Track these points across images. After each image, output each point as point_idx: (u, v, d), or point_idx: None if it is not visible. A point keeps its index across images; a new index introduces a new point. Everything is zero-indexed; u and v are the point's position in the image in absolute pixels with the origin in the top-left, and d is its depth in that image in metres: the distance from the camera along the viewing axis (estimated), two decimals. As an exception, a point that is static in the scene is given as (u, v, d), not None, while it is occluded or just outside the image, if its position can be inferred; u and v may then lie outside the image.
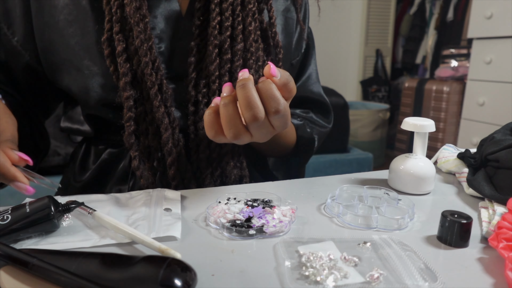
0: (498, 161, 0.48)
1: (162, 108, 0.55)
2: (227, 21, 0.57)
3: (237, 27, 0.58)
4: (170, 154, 0.56)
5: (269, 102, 0.41)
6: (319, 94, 0.74)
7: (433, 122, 0.51)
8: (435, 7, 3.16)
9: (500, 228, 0.35)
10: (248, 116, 0.41)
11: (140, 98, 0.55)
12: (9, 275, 0.29)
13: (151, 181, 0.56)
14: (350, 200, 0.45)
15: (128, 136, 0.55)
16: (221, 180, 0.60)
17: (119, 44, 0.53)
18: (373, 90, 3.42)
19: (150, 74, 0.54)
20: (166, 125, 0.55)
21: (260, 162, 0.70)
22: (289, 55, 0.68)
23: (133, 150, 0.55)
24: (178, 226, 0.39)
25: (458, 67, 2.66)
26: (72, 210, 0.38)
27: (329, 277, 0.30)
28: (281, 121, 0.43)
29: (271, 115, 0.42)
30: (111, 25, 0.54)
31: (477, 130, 2.11)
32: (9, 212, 0.36)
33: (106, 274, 0.28)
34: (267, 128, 0.44)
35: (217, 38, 0.56)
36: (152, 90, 0.54)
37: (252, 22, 0.59)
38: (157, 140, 0.56)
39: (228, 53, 0.57)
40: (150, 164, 0.56)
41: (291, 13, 0.67)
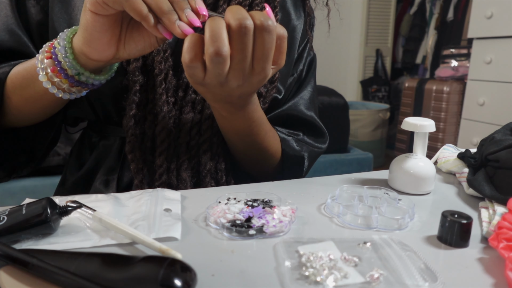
0: (498, 161, 0.48)
1: (164, 96, 0.56)
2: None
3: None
4: (162, 143, 0.57)
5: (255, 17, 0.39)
6: (311, 116, 0.69)
7: (433, 122, 0.51)
8: (435, 7, 3.16)
9: (500, 228, 0.35)
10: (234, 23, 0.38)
11: (144, 85, 0.57)
12: (9, 275, 0.29)
13: (140, 167, 0.57)
14: (350, 200, 0.45)
15: (128, 119, 0.56)
16: (197, 170, 0.61)
17: None
18: (373, 90, 3.42)
19: (160, 62, 0.55)
20: (165, 113, 0.57)
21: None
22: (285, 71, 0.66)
23: (129, 134, 0.57)
24: (178, 227, 0.39)
25: (458, 67, 2.66)
26: (70, 213, 0.38)
27: (329, 277, 0.30)
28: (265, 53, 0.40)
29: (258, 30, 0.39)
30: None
31: (477, 130, 2.11)
32: (6, 214, 0.36)
33: (106, 274, 0.28)
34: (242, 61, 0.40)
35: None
36: (158, 78, 0.55)
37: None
38: (152, 129, 0.58)
39: None
40: (141, 151, 0.58)
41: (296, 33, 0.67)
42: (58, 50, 0.46)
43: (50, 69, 0.46)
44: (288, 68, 0.67)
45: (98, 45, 0.44)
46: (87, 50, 0.44)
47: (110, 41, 0.44)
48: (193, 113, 0.59)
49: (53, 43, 0.47)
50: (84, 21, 0.43)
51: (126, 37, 0.46)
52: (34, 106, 0.53)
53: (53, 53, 0.46)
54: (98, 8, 0.40)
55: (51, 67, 0.46)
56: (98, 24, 0.42)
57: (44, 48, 0.47)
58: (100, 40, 0.43)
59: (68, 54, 0.46)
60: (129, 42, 0.46)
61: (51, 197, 0.39)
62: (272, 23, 0.40)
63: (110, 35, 0.44)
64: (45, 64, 0.46)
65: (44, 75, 0.47)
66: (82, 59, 0.46)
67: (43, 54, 0.47)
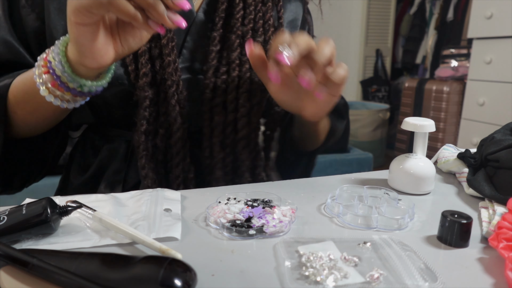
0: (498, 161, 0.48)
1: (177, 107, 0.56)
2: (250, 14, 0.61)
3: (258, 21, 0.62)
4: (178, 154, 0.57)
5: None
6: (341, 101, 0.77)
7: (433, 122, 0.51)
8: (435, 7, 3.16)
9: (500, 228, 0.35)
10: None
11: (154, 99, 0.57)
12: (9, 275, 0.29)
13: (153, 181, 0.57)
14: (350, 200, 0.45)
15: (139, 134, 0.56)
16: (233, 168, 0.62)
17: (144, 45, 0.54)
18: (373, 90, 3.42)
19: (171, 73, 0.55)
20: (179, 125, 0.57)
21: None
22: None
23: (140, 149, 0.56)
24: (178, 227, 0.39)
25: (458, 67, 2.66)
26: (70, 213, 0.38)
27: (329, 277, 0.30)
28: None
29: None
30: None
31: (477, 130, 2.11)
32: (6, 214, 0.36)
33: (106, 274, 0.28)
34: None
35: (239, 29, 0.60)
36: (170, 90, 0.56)
37: (271, 18, 0.63)
38: (165, 141, 0.57)
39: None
40: (153, 164, 0.57)
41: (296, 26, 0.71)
42: (55, 65, 0.45)
43: (50, 83, 0.46)
44: None
45: (95, 53, 0.43)
46: (86, 61, 0.44)
47: (105, 45, 0.44)
48: (225, 114, 0.60)
49: (47, 57, 0.46)
50: (73, 35, 0.42)
51: (120, 35, 0.45)
52: (39, 117, 0.53)
53: (50, 68, 0.45)
54: (83, 18, 0.40)
55: (51, 82, 0.46)
56: (88, 33, 0.41)
57: (39, 62, 0.46)
58: (95, 48, 0.43)
59: (66, 68, 0.45)
60: (125, 38, 0.45)
61: (51, 197, 0.39)
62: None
63: (104, 40, 0.43)
64: (44, 79, 0.46)
65: (45, 89, 0.46)
66: (82, 70, 0.45)
67: (39, 68, 0.46)
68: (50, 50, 0.46)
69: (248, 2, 0.61)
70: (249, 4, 0.61)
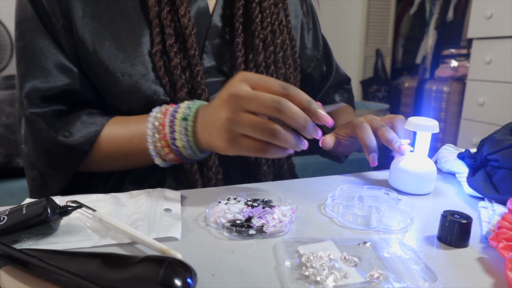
0: (498, 161, 0.48)
1: None
2: (267, 17, 0.65)
3: (275, 23, 0.66)
4: (211, 157, 0.61)
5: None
6: (344, 74, 0.87)
7: (437, 122, 0.50)
8: (435, 7, 3.16)
9: (500, 228, 0.35)
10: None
11: None
12: (9, 275, 0.29)
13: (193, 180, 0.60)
14: (350, 200, 0.45)
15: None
16: (273, 160, 0.68)
17: (175, 57, 0.57)
18: (373, 90, 3.41)
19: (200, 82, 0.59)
20: None
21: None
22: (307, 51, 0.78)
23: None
24: (178, 227, 0.39)
25: (458, 67, 2.66)
26: (70, 213, 0.38)
27: (329, 277, 0.30)
28: None
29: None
30: (162, 37, 0.57)
31: (477, 130, 2.11)
32: (6, 214, 0.36)
33: (106, 274, 0.28)
34: None
35: (261, 33, 0.64)
36: (202, 97, 0.59)
37: (283, 18, 0.68)
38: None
39: (271, 46, 0.65)
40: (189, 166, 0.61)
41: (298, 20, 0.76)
42: (186, 152, 0.50)
43: (171, 158, 0.51)
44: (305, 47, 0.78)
45: None
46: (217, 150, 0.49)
47: None
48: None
49: (165, 136, 0.49)
50: (216, 148, 0.47)
51: None
52: (129, 167, 0.57)
53: (176, 151, 0.50)
54: (238, 149, 0.45)
55: (173, 159, 0.51)
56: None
57: (154, 140, 0.50)
58: None
59: (196, 152, 0.50)
60: None
61: (51, 197, 0.39)
62: None
63: None
64: (169, 158, 0.51)
65: (159, 158, 0.51)
66: (204, 147, 0.50)
67: (161, 150, 0.50)
68: (168, 130, 0.49)
69: (264, 6, 0.64)
70: (265, 8, 0.64)
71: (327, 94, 0.84)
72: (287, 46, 0.67)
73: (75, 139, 0.54)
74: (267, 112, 0.41)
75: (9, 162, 1.42)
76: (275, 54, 0.66)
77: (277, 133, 0.41)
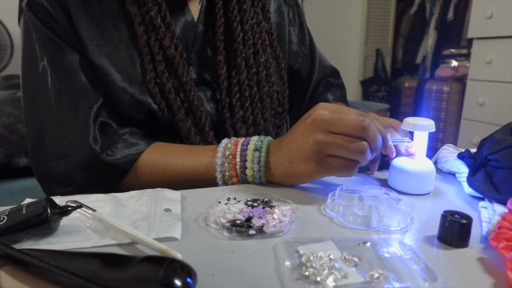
0: (498, 161, 0.48)
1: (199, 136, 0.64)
2: (249, 39, 0.66)
3: (258, 42, 0.67)
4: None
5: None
6: (330, 65, 0.87)
7: (433, 122, 0.51)
8: (435, 7, 3.16)
9: (500, 228, 0.35)
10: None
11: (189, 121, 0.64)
12: (9, 275, 0.29)
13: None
14: (350, 200, 0.45)
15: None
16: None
17: (168, 82, 0.60)
18: (373, 90, 3.41)
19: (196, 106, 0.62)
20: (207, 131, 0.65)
21: None
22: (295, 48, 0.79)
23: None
24: (178, 227, 0.39)
25: (458, 67, 2.66)
26: (70, 213, 0.38)
27: (329, 277, 0.30)
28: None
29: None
30: (154, 64, 0.59)
31: (477, 130, 2.11)
32: (6, 214, 0.36)
33: (106, 274, 0.28)
34: None
35: (243, 52, 0.65)
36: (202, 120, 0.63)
37: (266, 37, 0.69)
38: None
39: (253, 67, 0.67)
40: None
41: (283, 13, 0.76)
42: (252, 177, 0.51)
43: (234, 181, 0.53)
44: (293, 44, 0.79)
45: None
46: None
47: None
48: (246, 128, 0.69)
49: (235, 165, 0.51)
50: (302, 174, 0.49)
51: None
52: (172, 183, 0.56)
53: (243, 179, 0.52)
54: (327, 170, 0.48)
55: (233, 175, 0.52)
56: None
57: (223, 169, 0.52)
58: None
59: (263, 181, 0.52)
60: None
61: (51, 197, 0.39)
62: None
63: None
64: (231, 181, 0.52)
65: (221, 178, 0.53)
66: (277, 179, 0.52)
67: (229, 179, 0.52)
68: (239, 159, 0.51)
69: (245, 28, 0.65)
70: (247, 30, 0.66)
71: (319, 94, 0.82)
72: (270, 64, 0.69)
73: (116, 158, 0.55)
74: (352, 132, 0.44)
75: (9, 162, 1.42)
76: (258, 73, 0.67)
77: (366, 149, 0.44)
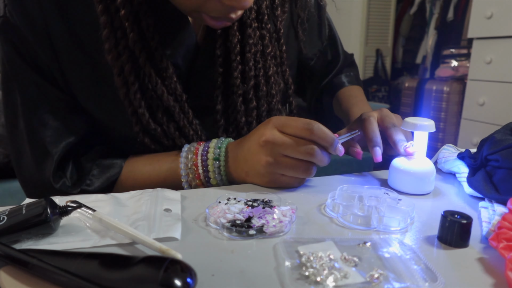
0: (498, 161, 0.48)
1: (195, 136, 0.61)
2: (250, 71, 0.57)
3: (259, 74, 0.59)
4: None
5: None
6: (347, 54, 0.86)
7: (433, 122, 0.51)
8: (435, 7, 3.16)
9: (500, 228, 0.35)
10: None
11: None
12: (9, 275, 0.29)
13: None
14: (350, 200, 0.45)
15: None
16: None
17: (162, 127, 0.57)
18: (373, 90, 3.41)
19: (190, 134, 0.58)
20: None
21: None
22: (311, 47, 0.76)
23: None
24: (178, 227, 0.39)
25: (458, 67, 2.66)
26: (70, 213, 0.38)
27: (329, 277, 0.30)
28: None
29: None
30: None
31: (477, 130, 2.11)
32: (6, 214, 0.36)
33: (106, 274, 0.28)
34: None
35: (240, 88, 0.58)
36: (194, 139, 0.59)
37: (272, 65, 0.60)
38: None
39: (253, 101, 0.59)
40: None
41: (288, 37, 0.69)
42: (216, 183, 0.53)
43: (196, 184, 0.54)
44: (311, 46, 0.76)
45: None
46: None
47: None
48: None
49: (199, 176, 0.53)
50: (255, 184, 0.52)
51: None
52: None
53: (207, 182, 0.54)
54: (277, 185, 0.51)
55: (200, 186, 0.54)
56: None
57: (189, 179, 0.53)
58: None
59: (226, 184, 0.54)
60: None
61: (51, 197, 0.39)
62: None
63: None
64: (195, 183, 0.54)
65: (188, 186, 0.54)
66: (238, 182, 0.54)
67: (195, 186, 0.54)
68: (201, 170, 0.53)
69: (247, 57, 0.57)
70: (248, 59, 0.57)
71: (333, 76, 0.82)
72: (272, 97, 0.61)
73: (97, 186, 0.55)
74: (302, 157, 0.48)
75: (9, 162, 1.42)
76: (258, 107, 0.60)
77: (312, 170, 0.50)
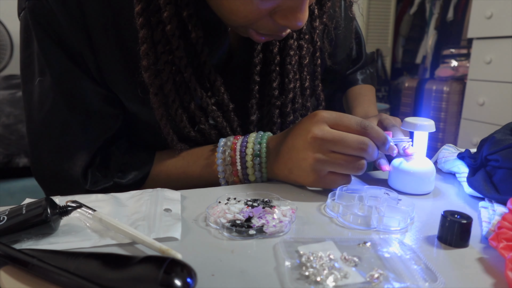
0: (498, 161, 0.48)
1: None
2: (290, 83, 0.57)
3: (296, 86, 0.59)
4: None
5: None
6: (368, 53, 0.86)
7: (433, 122, 0.51)
8: (435, 7, 3.16)
9: (500, 228, 0.35)
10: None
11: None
12: (9, 275, 0.29)
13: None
14: (350, 200, 0.45)
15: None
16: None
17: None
18: (373, 90, 3.41)
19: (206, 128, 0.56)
20: None
21: None
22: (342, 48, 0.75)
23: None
24: (178, 227, 0.39)
25: (458, 67, 2.66)
26: (70, 213, 0.38)
27: (329, 277, 0.30)
28: None
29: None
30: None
31: (477, 130, 2.11)
32: (6, 214, 0.36)
33: (106, 274, 0.28)
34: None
35: (278, 99, 0.58)
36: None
37: (308, 77, 0.60)
38: None
39: (291, 115, 0.59)
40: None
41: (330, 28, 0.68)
42: (255, 180, 0.52)
43: (234, 179, 0.53)
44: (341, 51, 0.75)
45: None
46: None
47: None
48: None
49: (237, 172, 0.52)
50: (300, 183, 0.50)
51: None
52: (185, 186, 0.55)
53: (245, 179, 0.52)
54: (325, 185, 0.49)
55: (236, 180, 0.53)
56: None
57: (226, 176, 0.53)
58: None
59: (264, 177, 0.52)
60: None
61: (51, 197, 0.39)
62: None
63: None
64: (232, 179, 0.53)
65: (223, 178, 0.53)
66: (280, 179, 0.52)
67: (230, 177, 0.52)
68: (239, 166, 0.51)
69: (288, 68, 0.56)
70: (288, 71, 0.56)
71: (349, 72, 0.82)
72: (306, 110, 0.61)
73: (130, 178, 0.55)
74: (353, 153, 0.45)
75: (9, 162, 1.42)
76: (293, 122, 0.60)
77: (364, 167, 0.47)
